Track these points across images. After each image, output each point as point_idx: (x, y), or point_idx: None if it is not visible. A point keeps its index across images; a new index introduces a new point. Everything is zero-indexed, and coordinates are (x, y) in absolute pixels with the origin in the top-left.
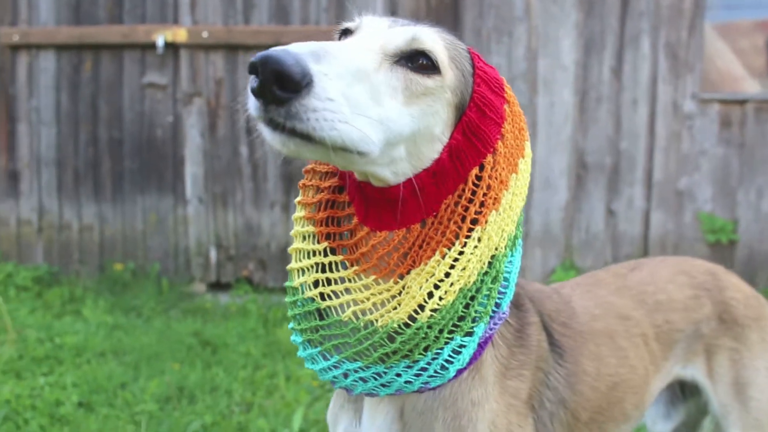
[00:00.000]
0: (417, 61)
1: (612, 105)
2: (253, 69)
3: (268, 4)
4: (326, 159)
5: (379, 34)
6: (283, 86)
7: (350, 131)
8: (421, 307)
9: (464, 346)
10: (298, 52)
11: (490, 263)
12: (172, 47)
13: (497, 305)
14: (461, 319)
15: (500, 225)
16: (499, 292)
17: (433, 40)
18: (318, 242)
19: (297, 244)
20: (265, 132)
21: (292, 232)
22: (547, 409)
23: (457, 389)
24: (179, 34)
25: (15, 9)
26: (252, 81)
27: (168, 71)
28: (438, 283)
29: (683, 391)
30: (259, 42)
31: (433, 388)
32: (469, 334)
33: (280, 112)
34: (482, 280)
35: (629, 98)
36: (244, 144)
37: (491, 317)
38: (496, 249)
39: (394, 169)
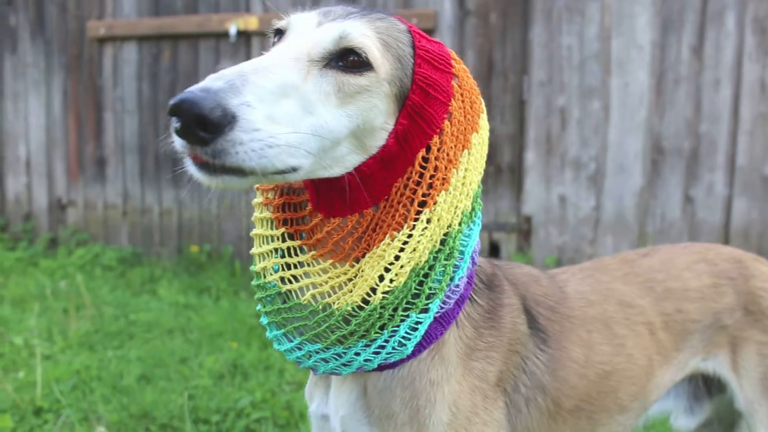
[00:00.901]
0: (348, 58)
1: (691, 86)
2: (173, 112)
3: None
4: (257, 184)
5: (307, 36)
6: (205, 128)
7: (279, 153)
8: (374, 290)
9: (420, 323)
10: (216, 88)
11: (443, 240)
12: (244, 35)
13: (450, 278)
14: (416, 296)
15: (452, 203)
16: (453, 266)
17: (362, 34)
18: (276, 228)
19: (257, 230)
20: (191, 169)
21: (252, 218)
22: (522, 394)
23: (415, 369)
24: (251, 22)
25: (102, 3)
26: (174, 121)
27: (240, 59)
28: (388, 265)
29: (709, 387)
30: None
31: (393, 364)
32: (425, 311)
33: (206, 151)
34: (435, 258)
35: (711, 78)
36: None
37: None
38: (449, 227)
39: (341, 165)
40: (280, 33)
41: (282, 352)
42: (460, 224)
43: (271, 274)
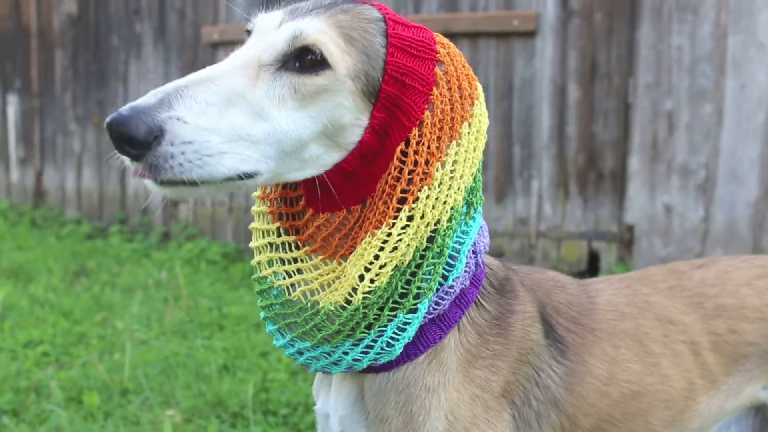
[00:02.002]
0: (305, 57)
1: None
2: (107, 131)
3: None
4: (215, 193)
5: (263, 39)
6: (132, 146)
7: (222, 161)
8: (355, 290)
9: (409, 323)
10: (144, 106)
11: (431, 238)
12: None
13: (444, 278)
14: (403, 296)
15: (438, 198)
16: (447, 266)
17: (318, 30)
18: (271, 222)
19: (255, 224)
20: (147, 183)
21: (252, 210)
22: (533, 408)
23: (410, 373)
24: None
25: (216, 9)
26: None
27: None
28: (368, 264)
29: None
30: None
31: (387, 366)
32: (413, 311)
33: (143, 167)
34: (422, 256)
35: None
36: None
37: (437, 291)
38: (437, 223)
39: (314, 165)
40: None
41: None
42: (450, 220)
43: (266, 269)
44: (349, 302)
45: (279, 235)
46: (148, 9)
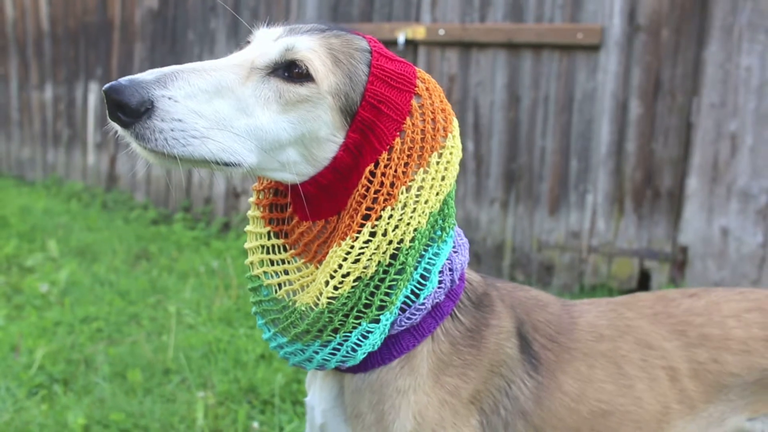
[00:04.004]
0: (293, 70)
1: None
2: (104, 96)
3: (504, 2)
4: (195, 169)
5: (259, 47)
6: (124, 113)
7: (205, 145)
8: (321, 294)
9: (371, 332)
10: (141, 79)
11: (395, 255)
12: (411, 44)
13: (416, 296)
14: (367, 306)
15: (402, 219)
16: (419, 284)
17: (308, 48)
18: (263, 226)
19: (249, 227)
20: (135, 147)
21: (247, 214)
22: (501, 416)
23: (384, 375)
24: (418, 32)
25: (287, 10)
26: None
27: None
28: (332, 272)
29: None
30: (492, 39)
31: (360, 367)
32: (376, 321)
33: (129, 133)
34: (385, 272)
35: None
36: (471, 139)
37: (410, 307)
38: (400, 243)
39: (292, 171)
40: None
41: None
42: (412, 241)
43: (257, 268)
44: (316, 305)
45: (269, 238)
46: (223, 6)
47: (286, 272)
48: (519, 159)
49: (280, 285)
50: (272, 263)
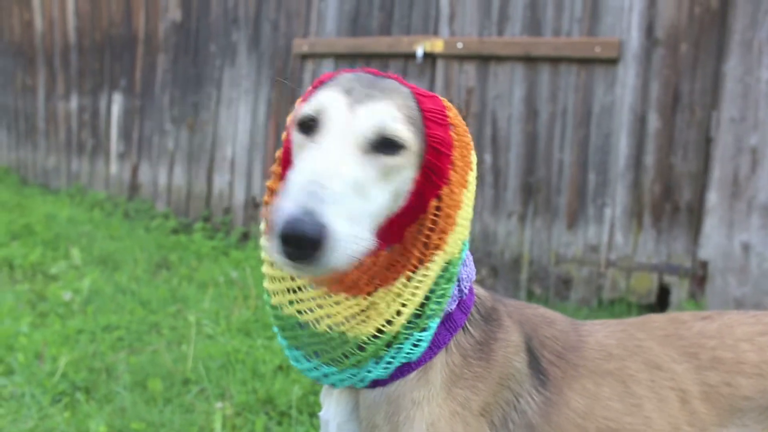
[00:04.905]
0: (387, 144)
1: None
2: (282, 238)
3: (522, 15)
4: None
5: (347, 125)
6: (310, 246)
7: (357, 247)
8: (389, 322)
9: (422, 340)
10: (311, 209)
11: (445, 267)
12: (430, 57)
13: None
14: (418, 317)
15: (456, 238)
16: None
17: (393, 119)
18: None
19: (268, 270)
20: (283, 260)
21: (263, 256)
22: (510, 429)
23: (402, 387)
24: (436, 45)
25: (307, 23)
26: (278, 243)
27: (425, 80)
28: (405, 302)
29: None
30: (510, 53)
31: (381, 381)
32: (424, 329)
33: (305, 261)
34: (437, 283)
35: None
36: (488, 152)
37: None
38: (452, 255)
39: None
40: (311, 122)
41: (301, 371)
42: (460, 252)
43: (287, 308)
44: (381, 332)
45: (293, 280)
46: (245, 19)
47: (320, 306)
48: (537, 172)
49: (317, 320)
50: (302, 301)
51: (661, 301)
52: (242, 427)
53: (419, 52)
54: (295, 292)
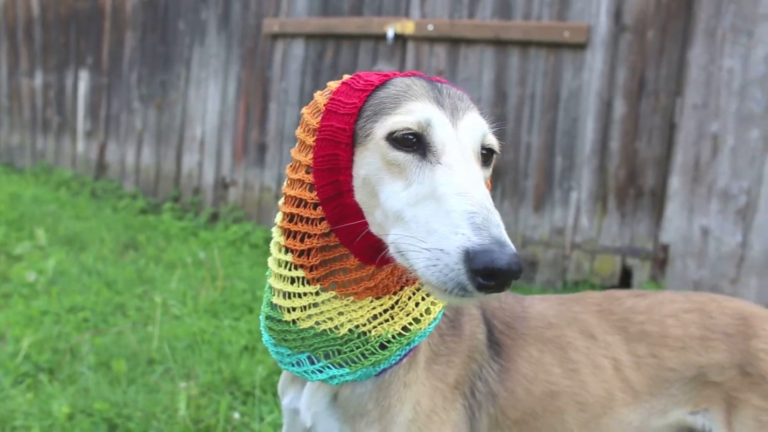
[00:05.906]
0: (487, 153)
1: None
2: (494, 276)
3: None
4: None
5: (459, 143)
6: (515, 278)
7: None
8: (416, 320)
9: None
10: (503, 241)
11: None
12: (401, 39)
13: None
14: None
15: None
16: None
17: (489, 129)
18: (308, 284)
19: (281, 285)
20: (473, 293)
21: (272, 268)
22: (476, 399)
23: (395, 373)
24: (407, 27)
25: (278, 2)
26: (474, 277)
27: (396, 61)
28: (425, 295)
29: None
30: (480, 36)
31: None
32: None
33: (500, 291)
34: None
35: None
36: None
37: None
38: None
39: None
40: (413, 138)
41: (299, 372)
42: None
43: (305, 321)
44: (407, 329)
45: (317, 294)
46: None
47: (341, 313)
48: (505, 155)
49: (339, 325)
50: (321, 312)
51: (624, 284)
52: (206, 407)
53: (390, 33)
54: (316, 305)
